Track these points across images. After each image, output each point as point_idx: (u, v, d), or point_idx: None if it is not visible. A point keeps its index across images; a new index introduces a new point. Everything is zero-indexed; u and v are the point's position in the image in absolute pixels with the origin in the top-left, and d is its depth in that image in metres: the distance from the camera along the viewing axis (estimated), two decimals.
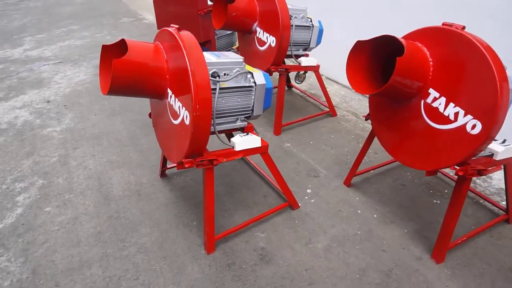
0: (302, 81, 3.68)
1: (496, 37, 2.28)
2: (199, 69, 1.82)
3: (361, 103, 4.12)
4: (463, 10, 3.08)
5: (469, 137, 1.78)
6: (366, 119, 2.43)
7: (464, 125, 1.80)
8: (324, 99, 3.80)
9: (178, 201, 2.70)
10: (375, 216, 2.52)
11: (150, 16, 8.15)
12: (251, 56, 3.49)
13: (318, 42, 3.58)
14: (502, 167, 2.22)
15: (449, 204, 2.06)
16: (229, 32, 4.62)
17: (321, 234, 2.38)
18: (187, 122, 1.88)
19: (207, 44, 4.15)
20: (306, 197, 2.71)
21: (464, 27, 1.81)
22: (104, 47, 2.08)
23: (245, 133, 2.24)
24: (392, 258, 2.20)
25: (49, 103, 4.28)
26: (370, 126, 2.28)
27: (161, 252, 2.27)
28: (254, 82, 2.24)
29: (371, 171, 2.92)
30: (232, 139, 2.20)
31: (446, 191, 2.73)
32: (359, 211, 2.56)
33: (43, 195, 2.77)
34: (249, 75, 2.24)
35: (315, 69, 3.52)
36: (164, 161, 2.87)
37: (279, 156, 3.20)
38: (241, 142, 2.16)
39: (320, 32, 3.52)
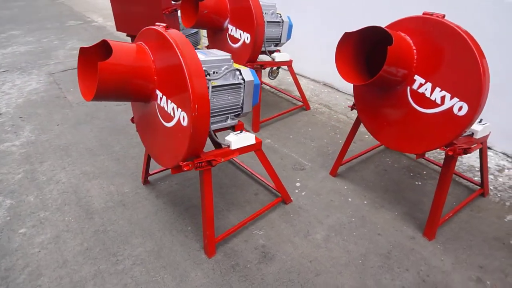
0: (276, 77, 3.70)
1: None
2: (194, 68, 1.75)
3: (331, 96, 4.24)
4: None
5: (457, 118, 1.90)
6: (352, 109, 2.50)
7: (451, 108, 1.91)
8: (296, 93, 3.86)
9: (167, 207, 2.59)
10: (365, 202, 2.61)
11: (99, 18, 7.74)
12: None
13: (288, 37, 3.62)
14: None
15: (438, 183, 2.19)
16: (193, 31, 4.52)
17: (318, 225, 2.41)
18: (184, 123, 1.81)
19: None
20: (297, 191, 2.73)
21: (444, 16, 1.92)
22: (82, 50, 1.93)
23: (239, 131, 2.20)
24: (388, 240, 2.29)
25: (1, 116, 3.90)
26: (344, 117, 2.37)
27: (159, 261, 2.17)
28: (243, 79, 2.21)
29: (353, 159, 3.02)
30: (227, 138, 2.15)
31: (424, 172, 2.90)
32: (349, 199, 2.64)
33: (14, 216, 2.52)
34: (237, 72, 2.20)
35: (289, 64, 3.56)
36: (147, 167, 2.74)
37: None
38: (237, 140, 2.13)
39: (290, 27, 3.56)
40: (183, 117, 1.81)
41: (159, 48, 1.88)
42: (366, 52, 2.24)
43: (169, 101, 1.89)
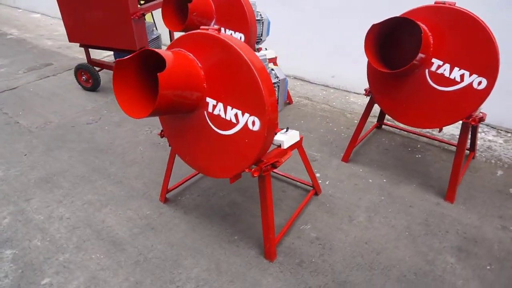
0: None
1: None
2: (262, 71, 1.71)
3: (305, 88, 4.40)
4: None
5: (477, 92, 2.18)
6: (367, 95, 2.67)
7: (471, 83, 2.19)
8: None
9: (203, 221, 2.46)
10: (384, 180, 2.81)
11: (12, 30, 6.75)
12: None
13: (267, 34, 3.66)
14: None
15: (457, 150, 2.48)
16: (155, 36, 4.29)
17: (356, 209, 2.54)
18: (255, 127, 1.74)
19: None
20: (320, 181, 2.82)
21: (455, 3, 2.18)
22: (119, 63, 1.74)
23: (284, 130, 2.20)
24: (420, 210, 2.52)
25: None
26: (327, 106, 2.48)
27: (223, 277, 2.07)
28: (277, 77, 2.20)
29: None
30: (276, 137, 2.12)
31: (418, 146, 3.23)
32: (370, 180, 2.82)
33: (25, 267, 2.14)
34: (273, 71, 2.19)
35: (274, 60, 3.60)
36: (166, 184, 2.55)
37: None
38: (287, 139, 2.12)
39: (269, 24, 3.60)
40: (253, 122, 1.74)
41: (213, 53, 1.77)
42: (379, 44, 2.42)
43: (229, 107, 1.80)
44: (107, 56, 5.29)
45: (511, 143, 3.25)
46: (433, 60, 2.28)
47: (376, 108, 2.99)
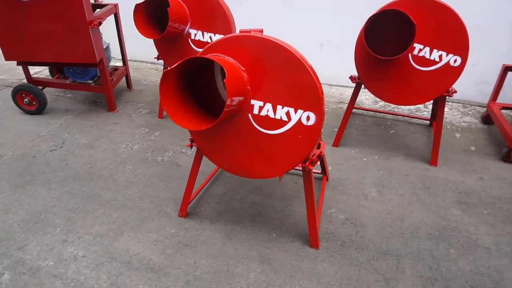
0: None
1: None
2: (311, 67, 1.78)
3: None
4: None
5: (454, 69, 2.58)
6: (355, 82, 2.92)
7: (448, 62, 2.58)
8: None
9: (234, 227, 2.42)
10: (376, 157, 3.12)
11: None
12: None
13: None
14: None
15: (437, 121, 2.89)
16: (105, 46, 3.95)
17: (365, 186, 2.78)
18: (310, 122, 1.81)
19: (100, 64, 3.45)
20: None
21: None
22: (166, 74, 1.65)
23: None
24: (416, 177, 2.88)
25: None
26: None
27: (281, 274, 2.10)
28: None
29: (335, 129, 3.47)
30: None
31: (388, 123, 3.64)
32: (364, 159, 3.10)
33: None
34: None
35: None
36: (188, 198, 2.44)
37: None
38: None
39: None
40: (307, 117, 1.81)
41: (260, 55, 1.77)
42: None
43: (279, 106, 1.83)
44: (35, 73, 4.63)
45: (454, 109, 3.88)
46: (415, 45, 2.61)
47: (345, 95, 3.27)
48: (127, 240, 2.33)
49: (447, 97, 2.72)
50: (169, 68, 1.69)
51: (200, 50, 3.10)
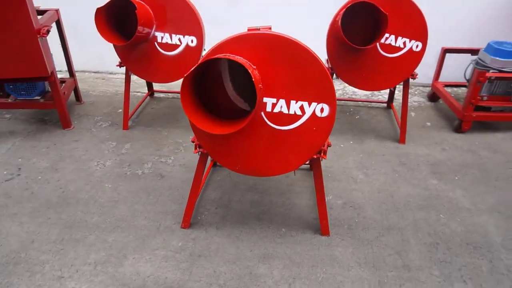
0: None
1: None
2: (321, 59, 1.82)
3: None
4: None
5: (416, 53, 2.85)
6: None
7: (411, 48, 2.84)
8: None
9: (243, 229, 2.38)
10: (351, 142, 3.31)
11: None
12: (154, 66, 3.05)
13: None
14: None
15: (403, 103, 3.16)
16: None
17: (351, 171, 2.93)
18: (324, 114, 1.87)
19: (52, 77, 3.10)
20: None
21: None
22: (186, 78, 1.57)
23: None
24: (391, 155, 3.12)
25: None
26: None
27: (304, 266, 2.13)
28: None
29: None
30: None
31: (351, 109, 3.87)
32: (342, 145, 3.26)
33: None
34: None
35: None
36: (191, 209, 2.33)
37: None
38: None
39: None
40: (321, 109, 1.86)
41: (272, 52, 1.77)
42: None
43: (293, 101, 1.85)
44: None
45: None
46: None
47: None
48: (134, 263, 2.15)
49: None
50: (186, 73, 1.60)
51: (169, 53, 2.98)
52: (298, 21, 3.98)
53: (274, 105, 1.87)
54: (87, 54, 4.38)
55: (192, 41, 2.94)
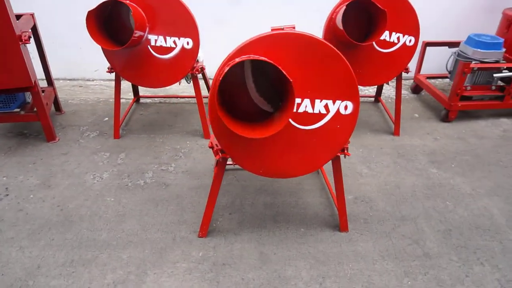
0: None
1: None
2: None
3: None
4: None
5: (410, 48, 2.95)
6: None
7: (404, 43, 2.93)
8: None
9: (262, 232, 2.34)
10: None
11: None
12: (148, 70, 2.92)
13: None
14: None
15: (396, 96, 3.26)
16: None
17: (355, 166, 2.98)
18: (347, 111, 1.87)
19: (35, 87, 2.87)
20: None
21: None
22: (214, 85, 1.51)
23: None
24: (389, 148, 3.21)
25: None
26: None
27: (330, 264, 2.13)
28: None
29: None
30: None
31: None
32: None
33: None
34: None
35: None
36: (209, 217, 2.25)
37: None
38: None
39: None
40: (345, 106, 1.86)
41: (297, 51, 1.74)
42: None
43: (317, 100, 1.84)
44: None
45: (386, 85, 4.40)
46: None
47: None
48: (156, 279, 2.04)
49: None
50: (217, 81, 1.53)
51: (164, 57, 2.87)
52: (298, 19, 3.99)
53: (299, 105, 1.84)
54: (60, 60, 4.11)
55: (188, 43, 2.84)
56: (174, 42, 2.83)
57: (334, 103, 1.85)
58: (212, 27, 3.81)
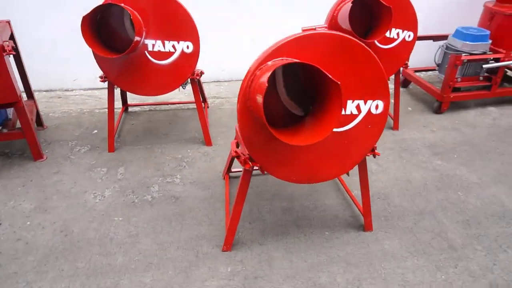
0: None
1: None
2: None
3: (238, 86, 4.22)
4: None
5: (408, 43, 2.98)
6: None
7: (404, 38, 2.96)
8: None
9: (287, 240, 2.27)
10: None
11: None
12: (146, 77, 2.74)
13: None
14: None
15: (395, 89, 3.29)
16: None
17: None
18: (378, 110, 1.84)
19: (20, 102, 2.61)
20: None
21: None
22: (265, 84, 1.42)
23: None
24: (392, 143, 3.24)
25: None
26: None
27: (361, 265, 2.10)
28: None
29: None
30: None
31: None
32: None
33: None
34: None
35: None
36: (234, 231, 2.14)
37: None
38: None
39: None
40: (376, 106, 1.83)
41: (330, 51, 1.67)
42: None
43: (350, 101, 1.80)
44: None
45: None
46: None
47: None
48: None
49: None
50: (258, 87, 1.42)
51: (162, 62, 2.72)
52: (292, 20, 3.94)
53: None
54: (35, 70, 3.78)
55: (188, 47, 2.69)
56: (173, 46, 2.68)
57: (365, 103, 1.81)
58: (211, 29, 3.68)
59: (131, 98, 3.78)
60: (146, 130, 3.40)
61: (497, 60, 3.51)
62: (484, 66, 3.46)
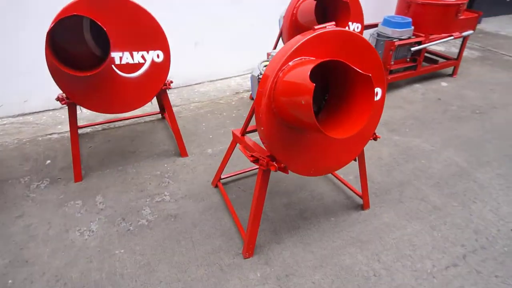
0: None
1: None
2: None
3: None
4: None
5: None
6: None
7: (353, 30, 3.23)
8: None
9: (300, 234, 2.33)
10: None
11: None
12: (114, 93, 2.50)
13: None
14: None
15: None
16: None
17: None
18: (377, 98, 2.01)
19: None
20: None
21: None
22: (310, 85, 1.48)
23: None
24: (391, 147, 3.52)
25: None
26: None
27: (375, 242, 2.28)
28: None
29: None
30: None
31: None
32: None
33: None
34: None
35: None
36: (255, 236, 2.12)
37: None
38: None
39: None
40: (376, 94, 2.00)
41: (344, 48, 1.77)
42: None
43: None
44: None
45: None
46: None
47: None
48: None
49: None
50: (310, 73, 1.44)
51: (131, 75, 2.53)
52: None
53: None
54: None
55: (158, 56, 2.53)
56: (143, 56, 2.49)
57: None
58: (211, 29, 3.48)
59: (80, 119, 3.38)
60: (109, 151, 3.10)
61: (419, 43, 4.06)
62: (411, 49, 3.97)
